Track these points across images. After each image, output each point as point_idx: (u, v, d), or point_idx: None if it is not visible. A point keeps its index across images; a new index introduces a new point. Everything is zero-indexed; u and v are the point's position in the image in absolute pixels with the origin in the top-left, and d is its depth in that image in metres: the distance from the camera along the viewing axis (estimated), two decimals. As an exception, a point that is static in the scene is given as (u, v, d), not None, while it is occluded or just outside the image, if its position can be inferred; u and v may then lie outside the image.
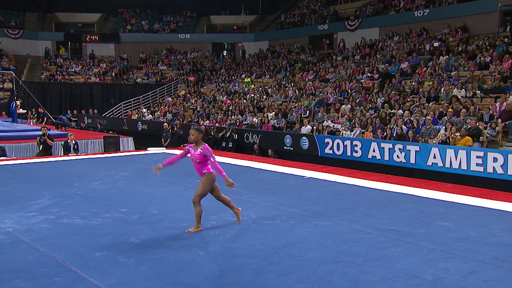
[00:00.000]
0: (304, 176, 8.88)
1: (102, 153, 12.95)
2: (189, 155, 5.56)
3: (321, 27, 26.03)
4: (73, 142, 12.51)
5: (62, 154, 12.51)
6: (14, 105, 17.82)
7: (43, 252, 4.64)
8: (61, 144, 12.66)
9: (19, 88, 20.70)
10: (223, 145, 15.77)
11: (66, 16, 33.16)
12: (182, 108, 22.66)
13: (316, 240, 5.04)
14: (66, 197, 7.11)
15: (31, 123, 19.67)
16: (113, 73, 29.92)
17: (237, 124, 17.23)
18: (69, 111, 23.61)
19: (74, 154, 12.22)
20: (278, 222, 5.78)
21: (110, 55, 31.97)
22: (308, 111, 16.80)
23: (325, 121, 15.07)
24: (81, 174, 9.15)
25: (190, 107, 22.78)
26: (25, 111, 19.23)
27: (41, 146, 12.21)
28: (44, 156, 11.88)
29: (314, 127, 14.73)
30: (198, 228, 5.37)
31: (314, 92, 18.75)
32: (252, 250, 4.72)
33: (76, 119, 22.56)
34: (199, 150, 5.39)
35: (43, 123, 18.94)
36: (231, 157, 11.71)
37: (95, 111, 24.99)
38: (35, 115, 21.56)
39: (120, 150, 13.88)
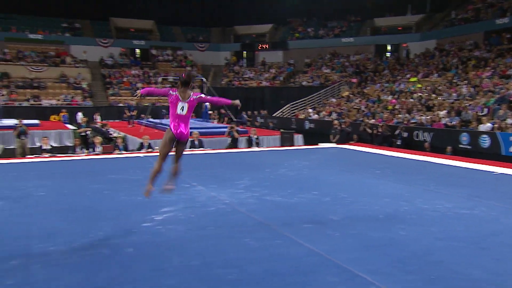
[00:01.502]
0: (494, 172, 8.43)
1: (280, 147, 14.21)
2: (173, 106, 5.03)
3: (500, 21, 23.71)
4: (255, 136, 13.98)
5: (245, 147, 14.09)
6: (207, 107, 20.64)
7: (259, 220, 5.40)
8: (246, 139, 14.27)
9: (207, 93, 23.90)
10: (390, 141, 15.73)
11: (243, 29, 37.06)
12: (346, 108, 23.10)
13: (531, 232, 4.78)
14: (262, 180, 8.02)
15: (215, 122, 22.44)
16: (281, 77, 32.19)
17: (405, 122, 17.01)
18: (243, 112, 26.08)
19: (257, 147, 13.66)
20: (477, 212, 5.66)
21: (278, 61, 34.47)
22: (486, 109, 15.59)
23: (508, 119, 13.84)
24: (268, 163, 10.18)
25: (354, 107, 23.07)
26: (211, 112, 22.09)
27: (230, 138, 14.02)
28: (232, 148, 13.59)
29: (495, 125, 13.67)
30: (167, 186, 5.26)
31: (493, 89, 17.28)
32: (455, 235, 4.72)
33: (251, 119, 24.84)
34: (191, 97, 4.99)
35: (224, 123, 21.51)
36: (404, 152, 11.70)
37: (265, 111, 27.13)
38: (217, 116, 24.55)
39: (294, 145, 15.01)
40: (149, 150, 12.18)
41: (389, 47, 32.39)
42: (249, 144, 13.87)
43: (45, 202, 6.35)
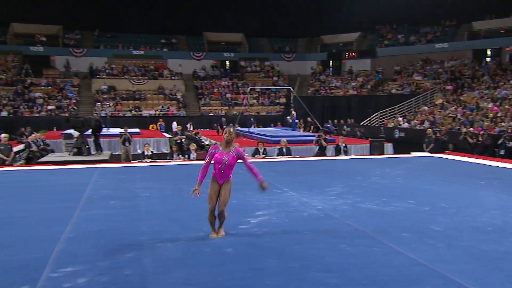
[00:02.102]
0: None
1: (369, 155, 13.85)
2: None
3: None
4: (344, 145, 13.79)
5: (334, 155, 13.95)
6: (296, 116, 20.85)
7: (354, 227, 5.34)
8: (334, 147, 14.14)
9: (293, 102, 24.24)
10: (491, 150, 14.58)
11: (329, 38, 37.06)
12: (440, 117, 21.87)
13: None
14: (354, 187, 7.92)
15: (301, 130, 22.54)
16: (369, 86, 31.52)
17: (509, 131, 15.73)
18: (329, 121, 25.90)
19: (345, 156, 13.46)
20: None
21: (366, 69, 33.86)
22: None
23: None
24: (359, 170, 10.01)
25: (449, 115, 21.79)
26: (297, 120, 22.27)
27: (318, 147, 13.98)
28: (319, 156, 13.53)
29: None
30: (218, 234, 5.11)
31: None
32: None
33: (337, 127, 24.56)
34: (232, 153, 4.97)
35: (310, 131, 21.49)
36: (510, 163, 10.80)
37: (352, 120, 26.65)
38: (303, 124, 24.66)
39: (384, 154, 14.54)
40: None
41: (489, 52, 30.13)
42: (338, 152, 13.73)
43: (151, 203, 6.86)
